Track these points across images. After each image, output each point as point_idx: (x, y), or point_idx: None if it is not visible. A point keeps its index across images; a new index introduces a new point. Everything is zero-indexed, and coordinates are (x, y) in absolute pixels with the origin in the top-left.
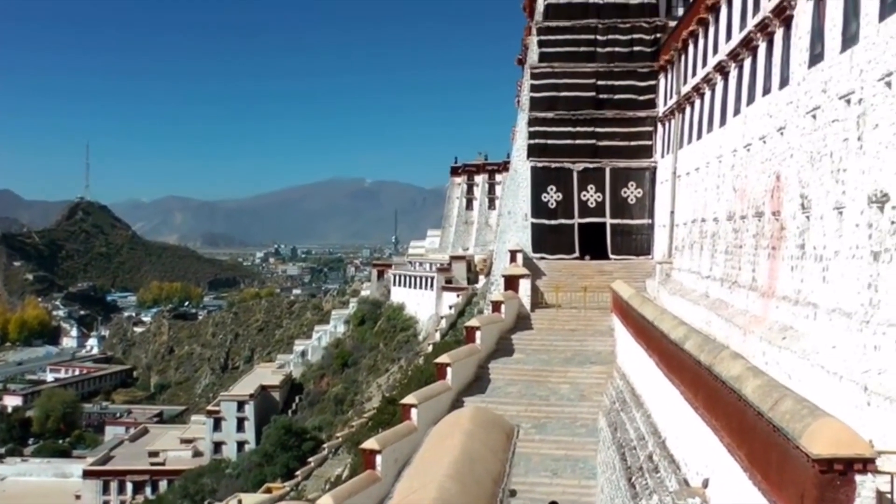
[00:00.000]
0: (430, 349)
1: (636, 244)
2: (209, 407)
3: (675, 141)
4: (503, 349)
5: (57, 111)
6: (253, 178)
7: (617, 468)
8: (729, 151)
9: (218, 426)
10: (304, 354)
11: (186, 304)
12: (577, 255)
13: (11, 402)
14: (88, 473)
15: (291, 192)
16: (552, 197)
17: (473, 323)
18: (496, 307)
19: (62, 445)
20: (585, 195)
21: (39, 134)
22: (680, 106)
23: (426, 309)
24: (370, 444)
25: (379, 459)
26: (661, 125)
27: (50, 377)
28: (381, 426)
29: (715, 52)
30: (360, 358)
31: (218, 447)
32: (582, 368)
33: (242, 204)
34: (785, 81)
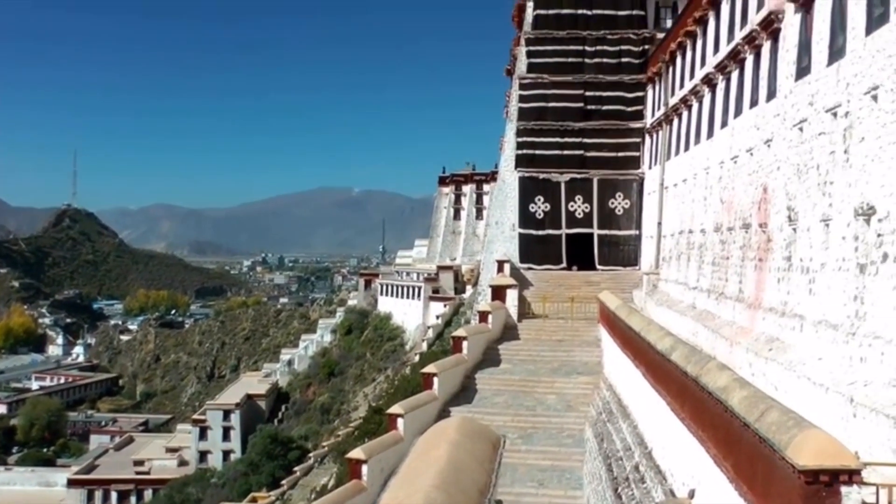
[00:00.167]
0: (416, 359)
1: (623, 255)
2: (195, 416)
3: (662, 152)
4: (490, 359)
5: (45, 118)
6: (240, 186)
7: (603, 479)
8: (716, 163)
9: (203, 435)
10: (290, 363)
11: (173, 312)
12: (564, 265)
13: None
14: (73, 482)
15: (279, 200)
16: (540, 207)
17: (460, 333)
18: (483, 317)
19: (47, 454)
20: (573, 206)
21: (27, 140)
22: (668, 117)
23: (413, 319)
24: (356, 453)
25: (365, 469)
26: (648, 136)
27: (35, 385)
28: (367, 436)
29: (703, 64)
30: (346, 367)
31: (203, 456)
32: (569, 379)
33: (230, 212)
34: (772, 94)
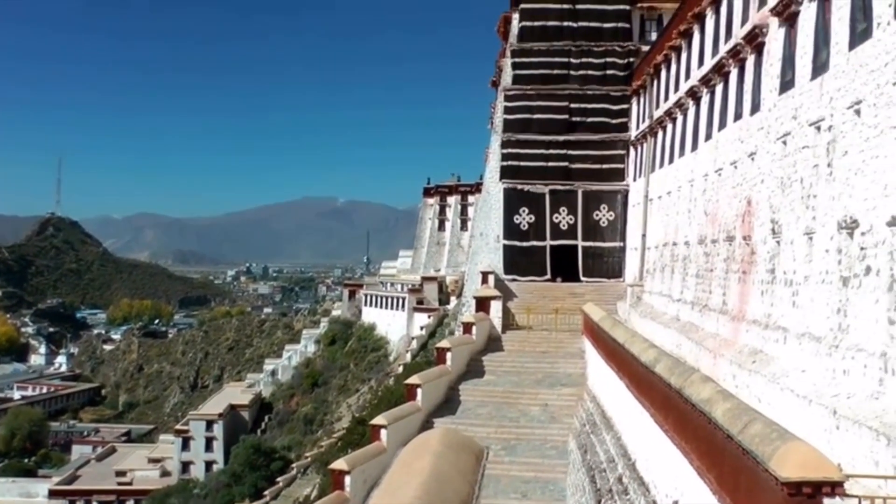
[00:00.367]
0: (400, 370)
1: (608, 267)
2: (178, 426)
3: (647, 164)
4: (474, 370)
5: (28, 125)
6: (225, 196)
7: (587, 490)
8: (700, 176)
9: (186, 446)
10: (274, 374)
11: (156, 321)
12: (548, 277)
13: None
14: (54, 493)
15: (263, 210)
16: (524, 219)
17: (444, 344)
18: (467, 328)
19: (28, 464)
20: (557, 217)
21: (10, 148)
22: (652, 130)
23: (397, 329)
24: (339, 464)
25: (348, 480)
26: (633, 149)
27: (17, 395)
28: (350, 446)
29: (687, 77)
30: (330, 378)
31: (186, 467)
32: (552, 390)
33: (214, 222)
34: (756, 107)
